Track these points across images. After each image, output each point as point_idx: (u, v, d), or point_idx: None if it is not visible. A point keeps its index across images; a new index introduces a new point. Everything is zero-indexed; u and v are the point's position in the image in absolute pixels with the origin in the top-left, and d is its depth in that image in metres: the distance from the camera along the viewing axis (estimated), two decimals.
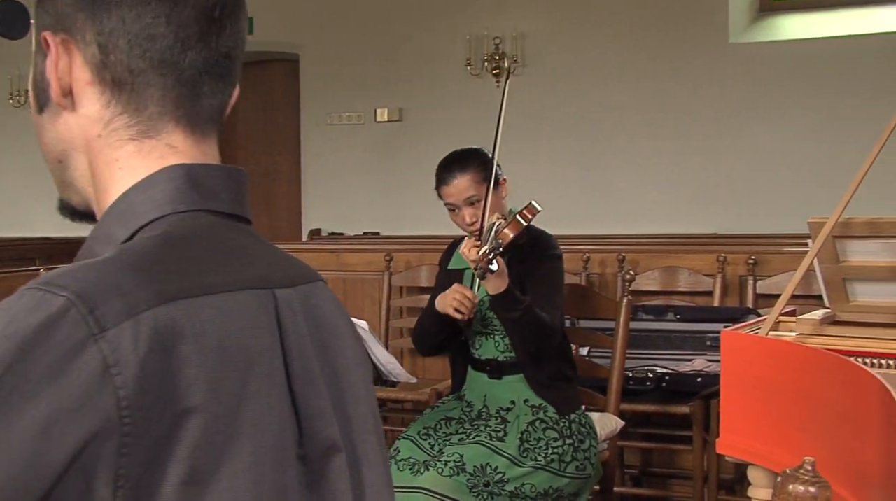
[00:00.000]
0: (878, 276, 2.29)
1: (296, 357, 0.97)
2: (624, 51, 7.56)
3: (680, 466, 4.48)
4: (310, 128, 8.64)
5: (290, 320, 0.98)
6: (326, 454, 0.98)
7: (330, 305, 1.06)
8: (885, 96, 6.28)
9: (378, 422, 1.08)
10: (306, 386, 0.97)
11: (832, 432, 1.78)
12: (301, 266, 1.08)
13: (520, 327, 2.93)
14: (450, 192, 3.09)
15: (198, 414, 0.85)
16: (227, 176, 1.02)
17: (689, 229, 7.02)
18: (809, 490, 1.05)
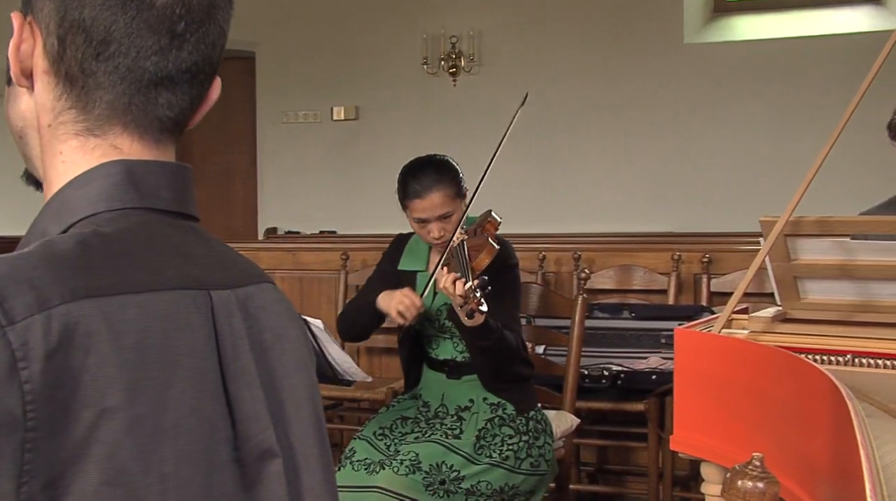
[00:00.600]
0: (829, 274, 2.32)
1: (231, 359, 0.96)
2: (580, 50, 7.59)
3: (635, 463, 4.51)
4: (266, 126, 8.59)
5: (225, 322, 0.97)
6: (262, 458, 0.97)
7: (276, 307, 1.05)
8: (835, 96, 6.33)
9: (321, 427, 1.07)
10: (242, 389, 0.96)
11: (783, 428, 1.80)
12: (247, 267, 1.06)
13: (489, 353, 2.92)
14: (422, 207, 3.00)
15: (117, 414, 0.84)
16: (170, 172, 1.01)
17: (644, 227, 7.07)
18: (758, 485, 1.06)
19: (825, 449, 1.53)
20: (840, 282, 2.33)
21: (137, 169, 0.98)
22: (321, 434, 1.06)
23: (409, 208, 3.05)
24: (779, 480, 1.71)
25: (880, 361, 2.14)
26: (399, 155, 3.23)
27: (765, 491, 1.06)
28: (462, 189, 3.06)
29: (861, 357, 2.17)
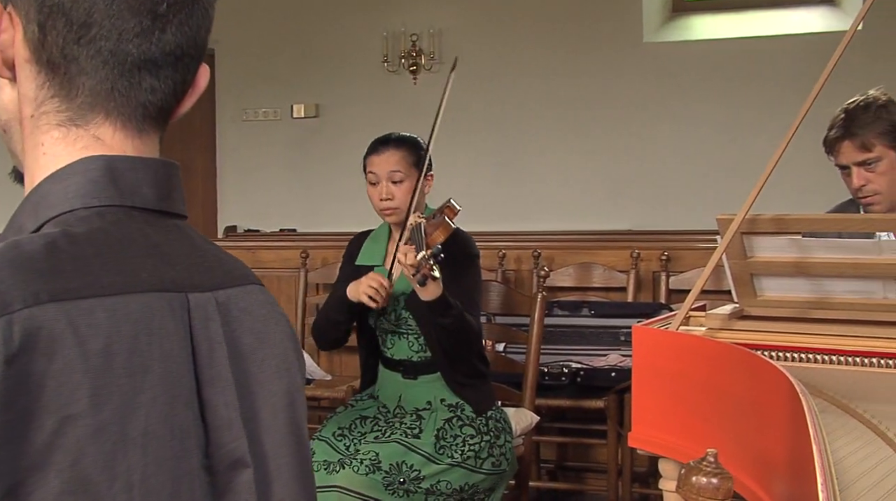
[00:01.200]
0: (784, 272, 2.34)
1: (206, 364, 0.94)
2: (539, 48, 7.61)
3: (595, 460, 4.53)
4: (225, 123, 8.54)
5: (202, 325, 0.95)
6: (233, 467, 0.95)
7: (260, 310, 1.02)
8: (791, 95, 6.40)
9: (299, 435, 1.04)
10: (216, 396, 0.94)
11: (740, 424, 1.82)
12: (233, 268, 1.04)
13: (449, 332, 2.91)
14: (377, 162, 3.07)
15: (81, 421, 0.82)
16: (153, 169, 0.98)
17: (603, 225, 7.10)
18: (712, 481, 1.07)
19: (780, 445, 1.55)
20: (795, 280, 2.35)
21: (119, 165, 0.95)
22: (298, 443, 1.03)
23: (366, 166, 3.12)
24: (735, 476, 1.73)
25: (834, 357, 2.17)
26: (359, 153, 3.23)
27: (718, 487, 1.07)
28: (421, 162, 3.07)
29: (815, 353, 2.20)
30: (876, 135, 2.75)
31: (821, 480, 1.07)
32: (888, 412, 1.74)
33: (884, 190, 2.79)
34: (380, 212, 3.10)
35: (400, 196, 3.03)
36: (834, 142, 2.82)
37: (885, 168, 2.78)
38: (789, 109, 2.23)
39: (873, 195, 2.80)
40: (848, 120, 2.79)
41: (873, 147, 2.76)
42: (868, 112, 2.77)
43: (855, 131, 2.76)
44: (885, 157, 2.77)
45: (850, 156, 2.79)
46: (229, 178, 8.56)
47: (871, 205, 2.83)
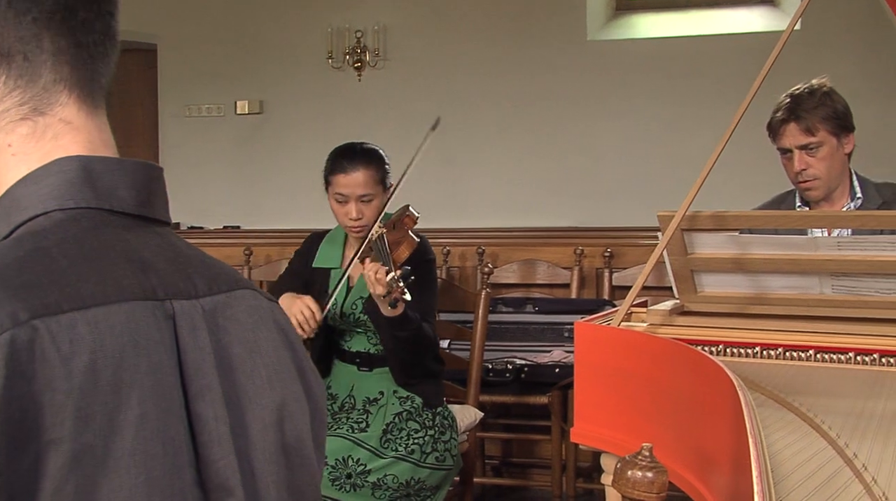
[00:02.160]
0: (724, 268, 2.37)
1: (194, 375, 0.90)
2: (484, 45, 7.63)
3: (539, 455, 4.56)
4: (167, 119, 8.45)
5: (188, 335, 0.91)
6: (222, 487, 0.91)
7: (250, 316, 0.98)
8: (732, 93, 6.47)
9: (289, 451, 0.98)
10: (206, 409, 0.90)
11: (680, 419, 1.84)
12: (221, 273, 0.99)
13: (406, 343, 2.92)
14: (346, 183, 3.01)
15: (64, 444, 0.78)
16: (132, 171, 0.95)
17: (547, 222, 7.13)
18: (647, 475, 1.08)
19: (718, 438, 1.57)
20: (735, 276, 2.38)
21: (96, 166, 0.92)
22: (289, 461, 0.98)
23: (332, 184, 3.05)
24: (675, 469, 1.75)
25: (772, 351, 2.20)
26: (303, 149, 3.23)
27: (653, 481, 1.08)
28: (387, 180, 3.08)
29: (754, 348, 2.23)
30: (820, 120, 2.81)
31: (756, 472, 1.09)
32: (823, 405, 1.78)
33: (822, 175, 2.85)
34: (347, 229, 3.08)
35: (369, 214, 3.01)
36: (779, 125, 2.87)
37: (825, 153, 2.83)
38: (731, 107, 2.26)
39: (813, 180, 2.85)
40: (794, 103, 2.84)
41: (817, 131, 2.81)
42: (814, 97, 2.83)
43: (800, 114, 2.81)
44: (826, 143, 2.83)
45: (793, 140, 2.84)
46: (172, 175, 8.29)
47: (809, 189, 2.88)
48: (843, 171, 2.90)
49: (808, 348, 2.18)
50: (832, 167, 2.86)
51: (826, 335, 2.21)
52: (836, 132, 2.84)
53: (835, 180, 2.88)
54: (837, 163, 2.87)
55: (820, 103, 2.83)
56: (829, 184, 2.88)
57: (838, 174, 2.88)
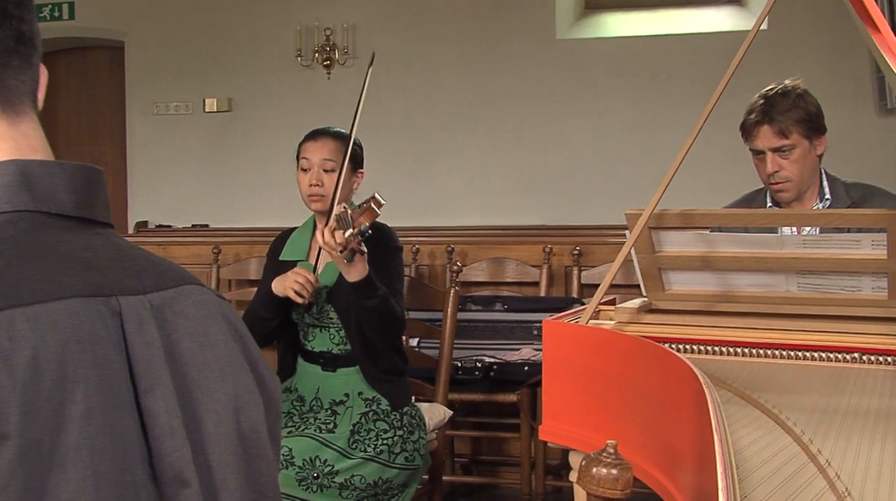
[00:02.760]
0: (691, 266, 2.38)
1: (143, 370, 0.90)
2: (453, 43, 7.63)
3: (508, 453, 4.56)
4: (135, 117, 8.40)
5: (136, 330, 0.90)
6: (177, 479, 0.91)
7: (200, 311, 0.98)
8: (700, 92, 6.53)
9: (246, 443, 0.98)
10: (156, 403, 0.90)
11: (647, 416, 1.84)
12: (167, 270, 0.99)
13: (374, 315, 2.91)
14: (311, 149, 3.09)
15: (10, 440, 0.78)
16: (71, 174, 0.94)
17: (516, 221, 7.15)
18: (611, 472, 1.08)
19: (685, 436, 1.57)
20: (702, 274, 2.40)
21: (33, 169, 0.91)
22: (245, 452, 0.98)
23: (299, 154, 3.12)
24: (642, 466, 1.76)
25: (739, 349, 2.22)
26: (272, 148, 3.23)
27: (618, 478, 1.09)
28: (356, 160, 3.12)
29: (721, 345, 2.24)
30: (793, 123, 2.83)
31: (720, 469, 1.10)
32: (789, 401, 1.79)
33: (794, 177, 2.87)
34: (307, 198, 3.10)
35: (328, 184, 3.05)
36: (753, 127, 2.88)
37: (797, 156, 2.85)
38: (699, 105, 2.27)
39: (784, 182, 2.87)
40: (768, 105, 2.85)
41: (790, 134, 2.83)
42: (787, 99, 2.84)
43: (774, 116, 2.83)
44: (799, 146, 2.85)
45: (766, 142, 2.86)
46: (140, 173, 8.42)
47: (781, 191, 2.90)
48: (814, 173, 2.92)
49: (774, 345, 2.19)
50: (804, 169, 2.88)
51: (792, 332, 2.23)
52: (809, 135, 2.86)
53: (806, 182, 2.91)
54: (809, 165, 2.89)
55: (794, 105, 2.84)
56: (801, 186, 2.90)
57: (810, 176, 2.91)
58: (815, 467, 1.40)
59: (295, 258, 3.15)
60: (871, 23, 1.95)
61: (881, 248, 2.14)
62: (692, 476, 1.47)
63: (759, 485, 1.32)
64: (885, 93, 6.63)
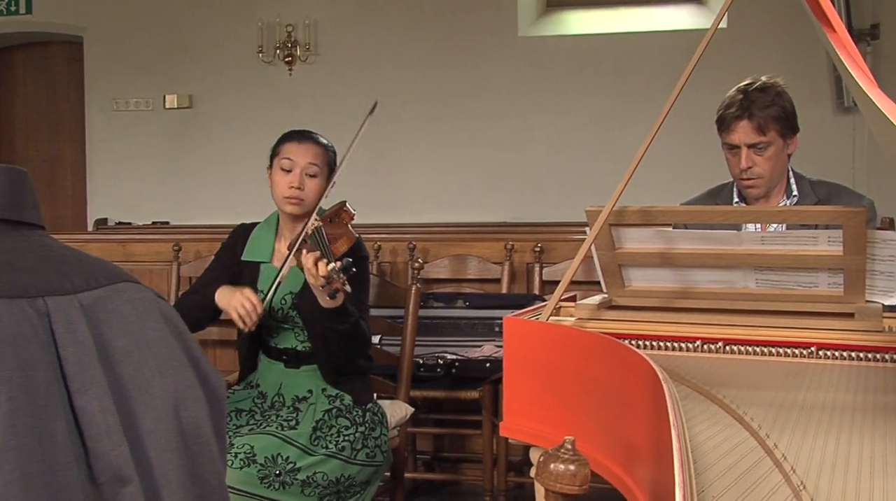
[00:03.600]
0: (651, 262, 2.40)
1: (76, 371, 0.89)
2: (415, 40, 7.63)
3: (470, 450, 4.57)
4: (95, 113, 8.33)
5: (65, 330, 0.89)
6: (116, 479, 0.90)
7: (134, 309, 0.97)
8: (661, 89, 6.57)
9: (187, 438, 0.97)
10: (91, 403, 0.89)
11: (607, 412, 1.85)
12: (99, 269, 0.98)
13: (342, 337, 2.91)
14: (296, 151, 3.06)
15: None
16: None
17: (478, 217, 7.16)
18: (569, 468, 1.09)
19: (643, 431, 1.58)
20: (661, 270, 2.41)
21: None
22: (189, 448, 0.97)
23: (280, 152, 3.08)
24: (602, 462, 1.77)
25: (697, 345, 2.23)
26: (234, 145, 3.20)
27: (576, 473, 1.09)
28: (332, 168, 3.12)
29: (680, 341, 2.26)
30: (772, 120, 2.84)
31: (678, 463, 1.10)
32: (746, 397, 1.81)
33: (766, 174, 2.89)
34: (283, 200, 3.05)
35: (309, 189, 3.03)
36: (732, 121, 2.88)
37: (771, 153, 2.87)
38: (659, 103, 2.28)
39: (756, 178, 2.89)
40: (747, 100, 2.86)
41: (768, 131, 2.85)
42: (767, 95, 2.85)
43: (754, 112, 2.84)
44: (774, 144, 2.87)
45: (744, 137, 2.87)
46: (99, 170, 8.35)
47: (751, 187, 2.92)
48: (783, 171, 2.95)
49: (733, 341, 2.21)
50: (776, 167, 2.90)
51: (750, 328, 2.24)
52: (784, 133, 2.88)
53: (776, 180, 2.93)
54: (780, 164, 2.91)
55: (773, 102, 2.86)
56: (771, 183, 2.92)
57: (780, 174, 2.93)
58: (772, 461, 1.41)
59: (258, 260, 3.12)
60: (827, 23, 1.97)
61: (837, 245, 2.17)
62: (650, 470, 1.48)
63: (716, 479, 1.33)
64: (842, 92, 6.70)
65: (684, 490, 1.08)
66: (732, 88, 2.95)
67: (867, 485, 1.33)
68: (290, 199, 3.03)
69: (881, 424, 1.64)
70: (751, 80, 2.93)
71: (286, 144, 3.09)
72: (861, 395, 1.84)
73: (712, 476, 1.34)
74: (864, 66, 1.86)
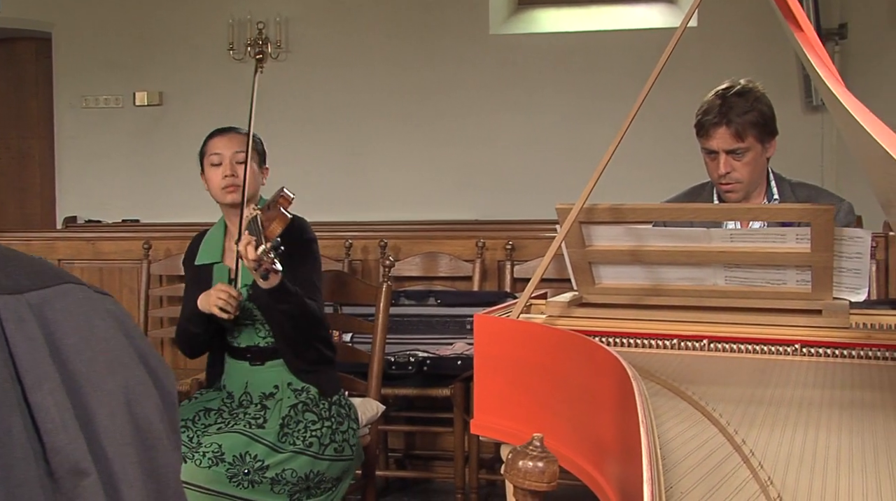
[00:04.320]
0: (621, 260, 2.40)
1: (28, 367, 0.88)
2: (387, 38, 7.62)
3: (442, 447, 4.58)
4: (64, 110, 8.27)
5: (16, 327, 0.89)
6: (74, 472, 0.90)
7: (81, 308, 0.96)
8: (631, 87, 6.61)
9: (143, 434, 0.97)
10: (45, 398, 0.88)
11: (577, 409, 1.86)
12: (43, 269, 0.97)
13: (290, 318, 2.92)
14: (220, 144, 3.14)
15: None
16: None
17: (449, 215, 7.17)
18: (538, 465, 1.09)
19: (612, 428, 1.59)
20: (632, 267, 2.42)
21: None
22: (143, 443, 0.97)
23: (207, 152, 3.16)
24: (572, 459, 1.77)
25: (666, 342, 2.24)
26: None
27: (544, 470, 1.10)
28: (262, 155, 3.20)
29: (650, 338, 2.27)
30: (750, 125, 2.84)
31: (646, 460, 1.11)
32: (715, 393, 1.82)
33: (745, 179, 2.90)
34: (221, 192, 3.10)
35: (242, 174, 3.08)
36: (710, 127, 2.89)
37: (750, 159, 2.88)
38: (630, 101, 2.29)
39: (735, 183, 2.90)
40: (726, 106, 2.86)
41: (746, 137, 2.85)
42: (745, 100, 2.85)
43: (732, 118, 2.84)
44: (753, 149, 2.87)
45: (722, 143, 2.87)
46: (68, 167, 8.29)
47: (730, 192, 2.93)
48: (762, 174, 2.96)
49: (702, 338, 2.22)
50: (754, 171, 2.91)
51: (719, 325, 2.26)
52: (763, 138, 2.89)
53: (754, 183, 2.94)
54: (759, 167, 2.92)
55: (751, 107, 2.85)
56: (749, 187, 2.93)
57: (758, 177, 2.94)
58: (740, 457, 1.42)
59: (210, 261, 3.15)
60: (795, 22, 1.98)
61: (805, 242, 2.18)
62: (619, 467, 1.49)
63: (684, 476, 1.34)
64: (810, 91, 6.76)
65: (652, 486, 1.08)
66: (711, 92, 2.95)
67: (833, 480, 1.35)
68: (226, 189, 3.10)
69: (847, 420, 1.65)
70: (729, 83, 2.93)
71: (210, 141, 3.18)
72: (828, 391, 1.86)
73: (681, 473, 1.35)
74: (832, 66, 1.88)
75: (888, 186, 1.45)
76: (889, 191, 1.52)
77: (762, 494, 1.28)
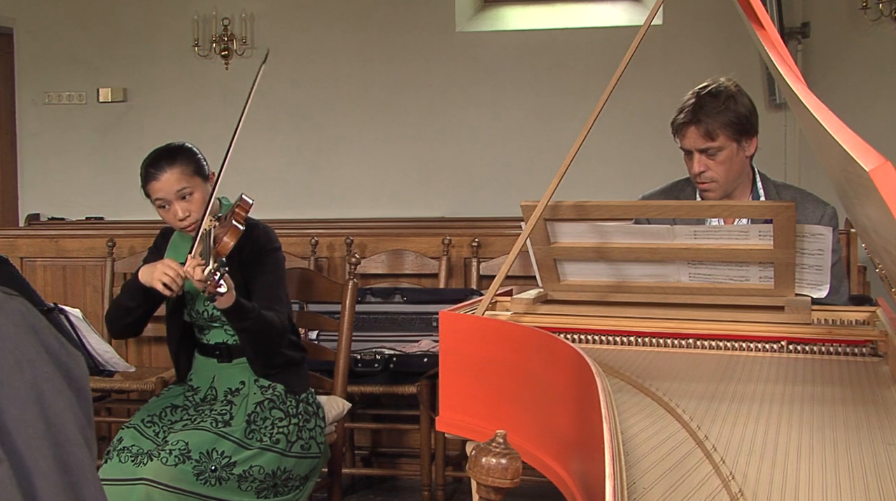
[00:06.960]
0: (585, 257, 2.42)
1: None
2: (353, 34, 7.61)
3: (408, 445, 4.58)
4: (25, 106, 8.18)
5: None
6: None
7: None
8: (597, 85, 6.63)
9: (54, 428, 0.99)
10: None
11: (541, 406, 1.87)
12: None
13: (251, 333, 2.91)
14: (159, 187, 2.97)
15: None
16: None
17: (415, 212, 7.17)
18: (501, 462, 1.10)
19: (576, 424, 1.60)
20: (596, 264, 2.43)
21: None
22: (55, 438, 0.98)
23: (150, 196, 3.02)
24: (537, 455, 1.78)
25: (632, 338, 2.26)
26: (169, 139, 3.15)
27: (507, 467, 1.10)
28: (203, 168, 3.05)
29: (614, 335, 2.28)
30: (721, 126, 2.84)
31: (608, 455, 1.12)
32: (679, 389, 1.83)
33: (720, 178, 2.89)
34: (180, 230, 3.05)
35: (196, 208, 2.98)
36: (681, 127, 2.89)
37: (724, 158, 2.88)
38: (595, 99, 2.29)
39: (710, 182, 2.90)
40: (697, 106, 2.86)
41: (717, 137, 2.85)
42: (717, 100, 2.85)
43: (702, 118, 2.84)
44: (727, 148, 2.87)
45: (694, 142, 2.87)
46: (31, 164, 8.20)
47: (707, 190, 2.93)
48: (742, 173, 2.95)
49: (666, 334, 2.24)
50: (730, 170, 2.90)
51: (683, 321, 2.27)
52: (737, 137, 2.88)
53: (732, 183, 2.93)
54: (736, 166, 2.91)
55: (724, 107, 2.84)
56: (727, 186, 2.92)
57: (737, 176, 2.93)
58: (702, 452, 1.44)
59: (178, 258, 3.11)
60: (757, 21, 2.00)
61: (767, 239, 2.20)
62: (582, 463, 1.50)
63: (647, 471, 1.35)
64: (773, 89, 6.81)
65: (614, 481, 1.09)
66: (689, 90, 2.95)
67: (793, 473, 1.36)
68: (185, 229, 3.03)
69: (808, 413, 1.67)
70: (708, 82, 2.93)
71: (149, 185, 3.00)
72: (790, 386, 1.88)
73: (644, 468, 1.36)
74: (793, 65, 1.89)
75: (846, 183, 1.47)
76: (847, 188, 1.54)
77: (724, 488, 1.30)
